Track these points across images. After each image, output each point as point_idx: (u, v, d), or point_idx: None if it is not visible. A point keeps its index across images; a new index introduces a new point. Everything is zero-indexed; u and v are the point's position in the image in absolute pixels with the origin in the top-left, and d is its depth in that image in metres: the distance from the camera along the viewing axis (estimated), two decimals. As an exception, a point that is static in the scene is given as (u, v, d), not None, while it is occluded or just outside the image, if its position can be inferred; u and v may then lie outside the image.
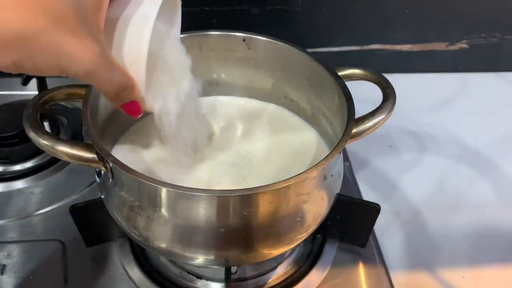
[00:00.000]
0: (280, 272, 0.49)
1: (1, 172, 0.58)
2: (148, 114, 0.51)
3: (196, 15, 0.71)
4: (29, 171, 0.58)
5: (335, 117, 0.46)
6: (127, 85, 0.33)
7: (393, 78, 0.44)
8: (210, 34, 0.50)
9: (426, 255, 0.54)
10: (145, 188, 0.36)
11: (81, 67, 0.29)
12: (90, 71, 0.29)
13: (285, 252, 0.49)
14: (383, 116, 0.41)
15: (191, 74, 0.43)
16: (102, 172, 0.39)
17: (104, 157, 0.36)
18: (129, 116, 0.36)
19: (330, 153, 0.37)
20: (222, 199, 0.35)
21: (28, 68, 0.28)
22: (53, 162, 0.59)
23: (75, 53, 0.28)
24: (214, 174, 0.44)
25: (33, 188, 0.57)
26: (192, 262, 0.43)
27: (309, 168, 0.36)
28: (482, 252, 0.55)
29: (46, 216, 0.54)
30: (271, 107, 0.55)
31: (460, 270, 0.52)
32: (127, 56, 0.33)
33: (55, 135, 0.55)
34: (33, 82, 0.61)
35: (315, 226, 0.41)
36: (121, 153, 0.47)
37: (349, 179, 0.60)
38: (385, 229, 0.55)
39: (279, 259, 0.49)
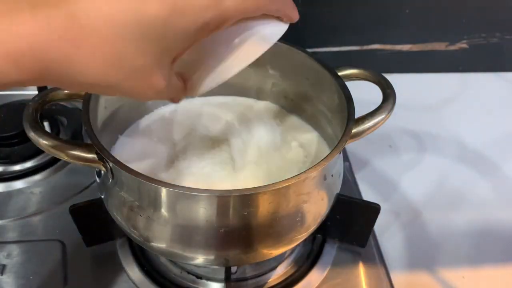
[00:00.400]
0: (280, 272, 0.49)
1: (1, 172, 0.58)
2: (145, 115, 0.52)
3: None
4: (29, 171, 0.58)
5: (335, 117, 0.46)
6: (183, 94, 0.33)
7: (393, 78, 0.44)
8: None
9: (426, 255, 0.54)
10: (145, 188, 0.36)
11: (145, 97, 0.29)
12: (153, 97, 0.29)
13: (285, 252, 0.49)
14: (383, 116, 0.41)
15: None
16: (102, 172, 0.39)
17: (104, 157, 0.36)
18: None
19: (330, 153, 0.37)
20: (222, 199, 0.35)
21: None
22: (53, 162, 0.59)
23: (140, 92, 0.28)
24: (214, 174, 0.44)
25: (33, 188, 0.57)
26: (192, 262, 0.43)
27: (309, 168, 0.36)
28: (482, 252, 0.55)
29: (46, 216, 0.54)
30: (271, 107, 0.55)
31: (460, 270, 0.52)
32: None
33: (55, 135, 0.55)
34: (33, 82, 0.60)
35: (315, 226, 0.41)
36: (121, 153, 0.47)
37: (349, 179, 0.60)
38: (385, 229, 0.55)
39: (279, 259, 0.49)
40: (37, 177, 0.58)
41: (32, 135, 0.36)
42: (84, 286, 0.47)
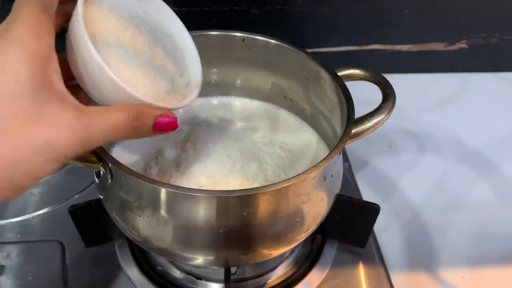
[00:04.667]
0: (280, 273, 0.49)
1: (0, 172, 0.58)
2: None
3: (195, 15, 0.71)
4: (28, 172, 0.58)
5: (334, 117, 0.46)
6: (134, 113, 0.29)
7: (393, 78, 0.44)
8: (209, 34, 0.50)
9: (426, 255, 0.54)
10: (144, 189, 0.36)
11: (72, 143, 0.26)
12: (82, 139, 0.27)
13: (285, 253, 0.49)
14: (382, 116, 0.41)
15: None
16: (101, 172, 0.39)
17: (103, 157, 0.36)
18: (170, 131, 0.32)
19: (329, 153, 0.37)
20: (222, 199, 0.34)
21: (22, 183, 0.26)
22: (53, 163, 0.59)
23: (52, 136, 0.25)
24: (216, 174, 0.44)
25: (33, 189, 0.57)
26: (192, 263, 0.43)
27: (309, 169, 0.36)
28: (481, 252, 0.55)
29: (45, 216, 0.54)
30: (271, 107, 0.55)
31: (460, 270, 0.52)
32: (103, 88, 0.30)
33: (54, 135, 0.55)
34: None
35: (314, 227, 0.41)
36: (121, 153, 0.47)
37: (348, 180, 0.60)
38: (385, 229, 0.55)
39: (279, 260, 0.49)
40: (36, 177, 0.58)
41: (31, 135, 0.36)
42: (83, 287, 0.47)
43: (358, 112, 0.41)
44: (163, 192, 0.35)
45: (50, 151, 0.25)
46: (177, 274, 0.48)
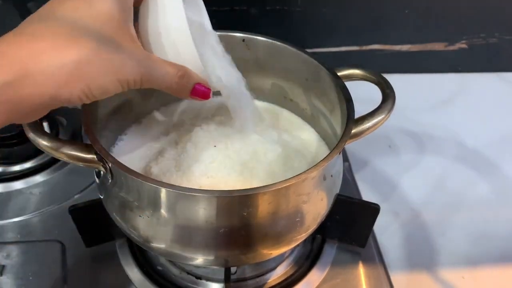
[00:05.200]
0: (280, 272, 0.49)
1: (1, 172, 0.58)
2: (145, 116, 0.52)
3: (195, 15, 0.71)
4: (28, 172, 0.58)
5: (334, 117, 0.46)
6: (182, 73, 0.34)
7: (393, 78, 0.44)
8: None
9: (425, 255, 0.54)
10: (144, 189, 0.36)
11: (136, 74, 0.31)
12: (144, 75, 0.31)
13: (285, 252, 0.49)
14: (382, 116, 0.41)
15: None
16: (102, 172, 0.39)
17: (103, 157, 0.36)
18: (202, 99, 0.36)
19: (329, 153, 0.37)
20: (222, 199, 0.35)
21: (96, 91, 0.29)
22: (53, 163, 0.59)
23: (125, 64, 0.30)
24: (216, 174, 0.44)
25: (33, 189, 0.57)
26: (192, 263, 0.43)
27: (309, 169, 0.36)
28: (481, 252, 0.55)
29: (45, 216, 0.54)
30: (271, 107, 0.55)
31: (460, 270, 0.52)
32: (171, 49, 0.34)
33: (55, 135, 0.55)
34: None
35: (314, 227, 0.41)
36: (121, 153, 0.47)
37: (348, 179, 0.60)
38: (385, 229, 0.55)
39: (279, 259, 0.49)
40: (36, 177, 0.58)
41: (31, 135, 0.36)
42: (83, 287, 0.47)
43: (358, 112, 0.41)
44: (163, 192, 0.35)
45: (121, 74, 0.30)
46: (177, 273, 0.48)
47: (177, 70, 0.34)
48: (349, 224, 0.50)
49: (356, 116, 0.41)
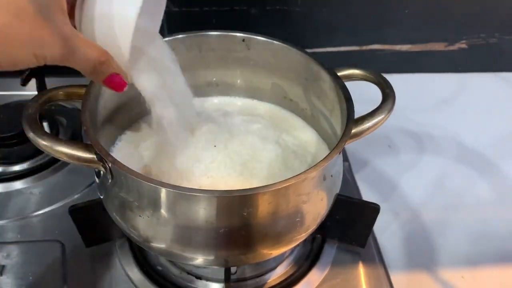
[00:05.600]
0: (280, 272, 0.49)
1: (1, 172, 0.58)
2: (145, 116, 0.52)
3: (195, 15, 0.71)
4: (28, 172, 0.58)
5: (334, 117, 0.46)
6: (103, 59, 0.33)
7: (393, 78, 0.44)
8: (209, 35, 0.50)
9: (425, 255, 0.54)
10: (144, 189, 0.36)
11: (57, 52, 0.30)
12: (64, 55, 0.31)
13: (285, 252, 0.49)
14: (382, 116, 0.41)
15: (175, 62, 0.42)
16: (102, 172, 0.39)
17: (103, 157, 0.36)
18: (114, 90, 0.35)
19: (329, 153, 0.37)
20: (222, 199, 0.35)
21: (5, 63, 0.29)
22: (53, 163, 0.59)
23: (45, 39, 0.29)
24: (216, 174, 0.44)
25: (33, 189, 0.57)
26: (192, 263, 0.43)
27: (309, 168, 0.36)
28: (481, 252, 0.55)
29: (45, 216, 0.54)
30: (271, 107, 0.55)
31: (459, 270, 0.52)
32: (105, 30, 0.33)
33: (54, 135, 0.55)
34: (32, 83, 0.60)
35: (314, 226, 0.41)
36: (121, 153, 0.47)
37: (348, 179, 0.60)
38: (385, 229, 0.55)
39: (279, 259, 0.49)
40: (36, 177, 0.58)
41: (31, 135, 0.36)
42: (83, 287, 0.47)
43: (358, 112, 0.41)
44: (163, 192, 0.35)
45: (39, 49, 0.29)
46: (177, 273, 0.48)
47: (100, 55, 0.33)
48: (349, 224, 0.50)
49: (356, 116, 0.41)
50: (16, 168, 0.59)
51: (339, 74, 0.45)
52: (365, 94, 0.46)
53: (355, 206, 0.49)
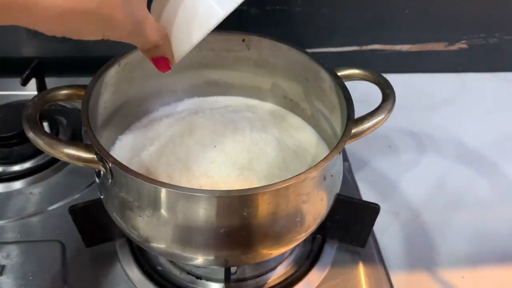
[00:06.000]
0: (280, 272, 0.49)
1: (0, 172, 0.58)
2: (144, 116, 0.52)
3: (195, 15, 0.71)
4: (28, 172, 0.58)
5: (334, 117, 0.46)
6: (161, 43, 0.34)
7: (393, 78, 0.44)
8: (209, 34, 0.50)
9: (425, 255, 0.54)
10: (144, 189, 0.36)
11: (123, 32, 0.31)
12: (130, 35, 0.31)
13: (285, 252, 0.49)
14: (382, 116, 0.41)
15: None
16: (102, 172, 0.39)
17: (103, 157, 0.36)
18: (158, 69, 0.37)
19: (329, 153, 0.37)
20: (222, 199, 0.35)
21: (74, 31, 0.29)
22: (53, 163, 0.59)
23: (119, 22, 0.30)
24: (216, 174, 0.44)
25: (33, 189, 0.57)
26: (192, 263, 0.43)
27: (309, 169, 0.36)
28: (481, 252, 0.55)
29: (45, 216, 0.54)
30: (271, 107, 0.55)
31: (459, 270, 0.52)
32: (186, 20, 0.34)
33: (54, 135, 0.55)
34: (32, 82, 0.60)
35: (314, 227, 0.41)
36: (121, 153, 0.47)
37: (348, 179, 0.60)
38: (385, 229, 0.55)
39: (279, 259, 0.49)
40: (36, 177, 0.58)
41: (31, 135, 0.36)
42: (83, 287, 0.47)
43: (358, 112, 0.41)
44: (163, 192, 0.35)
45: (109, 30, 0.30)
46: (177, 274, 0.48)
47: (159, 39, 0.34)
48: (349, 224, 0.50)
49: (356, 116, 0.41)
50: (16, 168, 0.59)
51: (339, 74, 0.45)
52: (365, 94, 0.46)
53: (355, 206, 0.49)
